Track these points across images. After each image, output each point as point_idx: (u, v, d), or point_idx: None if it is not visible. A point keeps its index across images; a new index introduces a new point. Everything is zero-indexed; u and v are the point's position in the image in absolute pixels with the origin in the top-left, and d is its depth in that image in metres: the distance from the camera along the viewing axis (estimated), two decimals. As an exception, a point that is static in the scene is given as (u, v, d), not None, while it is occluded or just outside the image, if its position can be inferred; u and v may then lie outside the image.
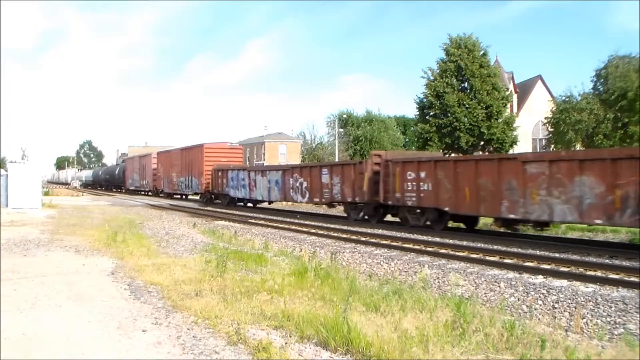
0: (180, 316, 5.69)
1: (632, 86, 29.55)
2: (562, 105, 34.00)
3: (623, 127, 30.70)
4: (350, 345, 4.59)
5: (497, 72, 35.70)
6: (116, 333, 5.09)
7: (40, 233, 13.94)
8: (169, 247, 11.85)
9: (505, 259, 10.39)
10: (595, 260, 10.09)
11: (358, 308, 5.91)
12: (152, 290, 7.00)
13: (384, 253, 11.65)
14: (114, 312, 5.86)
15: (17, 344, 4.71)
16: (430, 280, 9.00)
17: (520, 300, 7.73)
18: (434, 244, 12.55)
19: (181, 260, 9.53)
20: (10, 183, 23.41)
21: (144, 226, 17.10)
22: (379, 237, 14.00)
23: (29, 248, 11.06)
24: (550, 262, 9.85)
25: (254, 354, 4.46)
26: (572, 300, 7.36)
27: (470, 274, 9.26)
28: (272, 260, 9.79)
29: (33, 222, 17.05)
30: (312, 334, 4.96)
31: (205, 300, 6.28)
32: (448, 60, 34.43)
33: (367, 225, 17.54)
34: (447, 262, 10.41)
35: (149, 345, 4.71)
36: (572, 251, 11.11)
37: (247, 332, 5.01)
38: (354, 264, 10.88)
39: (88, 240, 12.27)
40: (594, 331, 6.31)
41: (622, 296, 7.34)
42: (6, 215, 18.80)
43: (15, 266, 8.75)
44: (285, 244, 13.88)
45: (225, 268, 7.98)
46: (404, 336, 4.77)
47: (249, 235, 15.60)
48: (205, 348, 4.63)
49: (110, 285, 7.38)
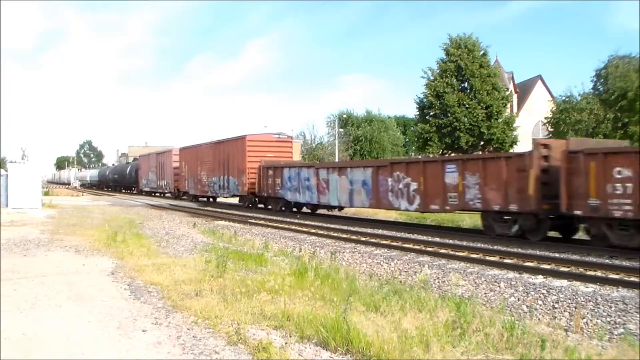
0: (180, 316, 5.69)
1: (632, 86, 29.55)
2: (562, 105, 34.01)
3: (623, 127, 30.71)
4: (350, 345, 4.59)
5: (497, 72, 35.72)
6: (116, 333, 5.09)
7: (40, 233, 13.93)
8: (169, 247, 11.85)
9: (505, 259, 10.39)
10: (595, 260, 10.09)
11: (358, 308, 5.91)
12: (152, 290, 7.00)
13: (384, 253, 11.65)
14: (114, 312, 5.86)
15: (17, 344, 4.71)
16: (430, 280, 9.00)
17: (520, 300, 7.73)
18: (434, 244, 12.55)
19: (181, 260, 9.53)
20: (10, 183, 23.41)
21: (144, 226, 17.09)
22: (379, 237, 13.99)
23: (29, 248, 11.06)
24: (550, 262, 9.84)
25: (254, 354, 4.46)
26: (572, 300, 7.36)
27: (470, 274, 9.25)
28: (272, 260, 9.79)
29: (33, 222, 17.04)
30: (312, 334, 4.96)
31: (205, 300, 6.27)
32: (448, 60, 34.44)
33: (367, 225, 17.45)
34: (447, 262, 10.41)
35: (149, 345, 4.71)
36: (572, 251, 11.10)
37: (247, 332, 5.01)
38: (354, 264, 10.88)
39: (88, 240, 12.27)
40: (594, 331, 6.31)
41: (622, 296, 7.34)
42: (6, 215, 18.79)
43: (15, 266, 8.75)
44: (285, 244, 13.88)
45: (225, 268, 7.98)
46: (404, 336, 4.77)
47: (249, 235, 15.59)
48: (205, 348, 4.63)
49: (110, 285, 7.38)
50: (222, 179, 27.48)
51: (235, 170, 25.90)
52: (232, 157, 26.38)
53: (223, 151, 27.52)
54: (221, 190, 27.83)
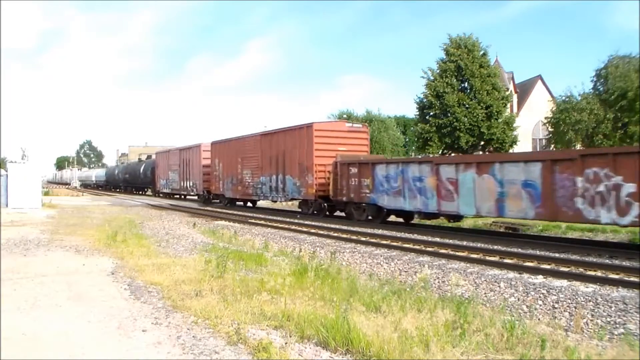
0: (180, 316, 5.69)
1: (632, 86, 29.52)
2: (562, 105, 33.98)
3: (623, 127, 30.68)
4: (351, 345, 4.59)
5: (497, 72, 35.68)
6: (116, 333, 5.09)
7: (40, 233, 13.94)
8: (169, 247, 11.85)
9: (505, 259, 10.38)
10: (595, 260, 10.08)
11: (358, 308, 5.92)
12: (152, 290, 7.00)
13: (384, 253, 11.65)
14: (114, 312, 5.86)
15: (17, 344, 4.71)
16: (430, 280, 8.99)
17: (520, 300, 7.73)
18: (434, 244, 12.54)
19: (181, 260, 9.53)
20: (10, 183, 23.45)
21: (144, 226, 17.10)
22: (379, 237, 13.99)
23: (29, 248, 11.06)
24: (550, 262, 9.84)
25: (254, 354, 4.46)
26: (572, 300, 7.35)
27: (470, 274, 9.25)
28: (272, 260, 9.79)
29: (33, 222, 17.05)
30: (312, 334, 4.96)
31: (205, 300, 6.27)
32: (448, 60, 34.39)
33: (367, 225, 17.47)
34: (447, 262, 10.41)
35: (149, 345, 4.71)
36: (572, 251, 11.10)
37: (247, 332, 5.01)
38: (354, 264, 10.87)
39: (88, 240, 12.27)
40: (594, 331, 6.31)
41: (622, 296, 7.34)
42: (6, 215, 18.80)
43: (15, 266, 8.75)
44: (285, 244, 13.88)
45: (225, 268, 7.98)
46: (404, 336, 4.77)
47: (249, 235, 15.59)
48: (205, 348, 4.63)
49: (111, 285, 7.38)
50: (274, 179, 22.34)
51: (295, 168, 20.86)
52: (290, 152, 21.29)
53: (276, 144, 22.40)
54: (273, 193, 22.59)
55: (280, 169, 21.95)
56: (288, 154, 21.42)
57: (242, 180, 25.15)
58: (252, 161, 24.35)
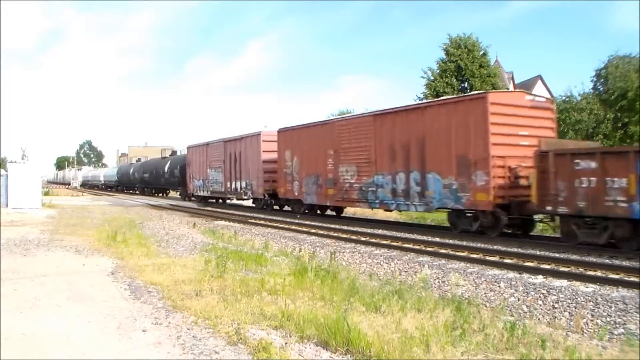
0: (180, 316, 5.69)
1: (632, 86, 29.53)
2: (562, 105, 33.98)
3: (623, 127, 30.69)
4: (351, 345, 4.59)
5: (497, 72, 35.68)
6: (116, 333, 5.08)
7: (40, 233, 13.94)
8: (169, 247, 11.85)
9: (505, 259, 10.38)
10: (595, 260, 10.08)
11: (358, 308, 5.91)
12: (152, 290, 7.00)
13: (384, 253, 11.65)
14: (114, 312, 5.86)
15: (17, 344, 4.70)
16: (430, 280, 8.99)
17: (521, 301, 7.73)
18: (434, 244, 12.54)
19: (181, 260, 9.53)
20: (10, 183, 23.45)
21: (143, 226, 17.09)
22: (379, 237, 13.98)
23: (29, 248, 11.06)
24: (550, 262, 9.84)
25: (254, 354, 4.46)
26: (572, 300, 7.35)
27: (470, 274, 9.25)
28: (272, 260, 9.79)
29: (33, 222, 17.04)
30: (312, 334, 4.95)
31: (205, 300, 6.27)
32: (448, 60, 34.40)
33: (367, 225, 17.45)
34: (447, 262, 10.41)
35: (149, 345, 4.71)
36: (572, 251, 11.10)
37: (247, 332, 5.01)
38: (354, 264, 10.87)
39: (88, 240, 12.27)
40: (594, 331, 6.31)
41: (622, 296, 7.34)
42: (6, 215, 18.80)
43: (15, 266, 8.75)
44: (285, 244, 13.87)
45: (225, 268, 7.99)
46: (404, 336, 4.77)
47: (249, 235, 15.59)
48: (205, 348, 4.63)
49: (111, 285, 7.38)
50: (402, 180, 15.66)
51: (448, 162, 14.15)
52: (435, 138, 14.59)
53: (406, 127, 15.62)
54: (399, 199, 15.80)
55: (416, 163, 15.25)
56: (431, 141, 14.68)
57: (336, 180, 18.59)
58: (355, 153, 17.69)
